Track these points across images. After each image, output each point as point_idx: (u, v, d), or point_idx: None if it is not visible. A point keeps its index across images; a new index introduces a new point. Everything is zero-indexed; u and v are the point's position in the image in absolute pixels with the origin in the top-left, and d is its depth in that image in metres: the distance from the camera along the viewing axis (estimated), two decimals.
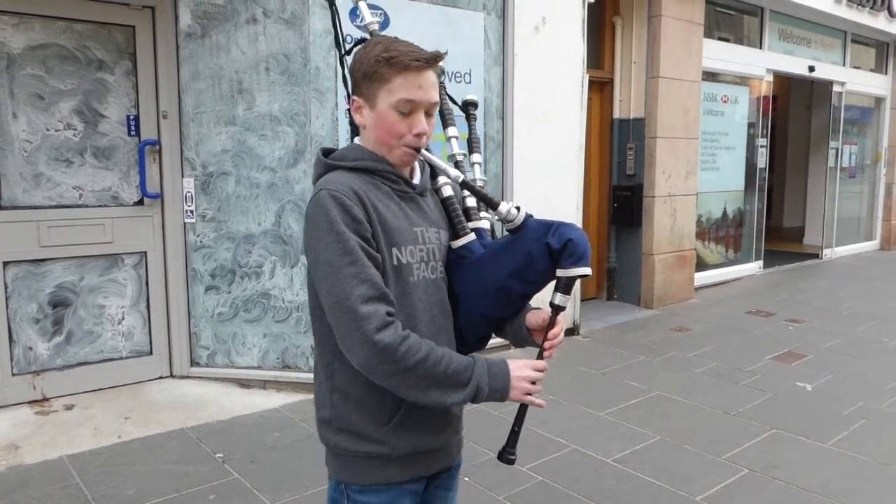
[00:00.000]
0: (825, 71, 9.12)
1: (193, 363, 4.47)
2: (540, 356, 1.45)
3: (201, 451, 3.47)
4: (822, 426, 3.83)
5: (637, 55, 6.59)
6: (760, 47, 8.12)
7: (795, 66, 8.65)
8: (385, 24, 4.39)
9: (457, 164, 1.64)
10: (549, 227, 1.42)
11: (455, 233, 1.54)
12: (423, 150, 1.46)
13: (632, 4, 6.57)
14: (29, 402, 3.99)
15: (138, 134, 4.26)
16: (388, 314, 1.32)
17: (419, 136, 1.41)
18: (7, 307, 3.93)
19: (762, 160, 8.45)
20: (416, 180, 1.51)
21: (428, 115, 1.43)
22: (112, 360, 4.27)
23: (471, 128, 1.74)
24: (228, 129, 4.22)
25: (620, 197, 6.75)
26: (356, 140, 1.51)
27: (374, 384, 1.35)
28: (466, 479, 3.11)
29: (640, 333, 5.77)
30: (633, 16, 6.58)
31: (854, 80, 9.78)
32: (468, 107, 1.78)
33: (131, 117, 4.23)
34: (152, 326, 4.38)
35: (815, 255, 9.68)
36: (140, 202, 4.31)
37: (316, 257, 1.34)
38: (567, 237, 1.39)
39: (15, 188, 3.92)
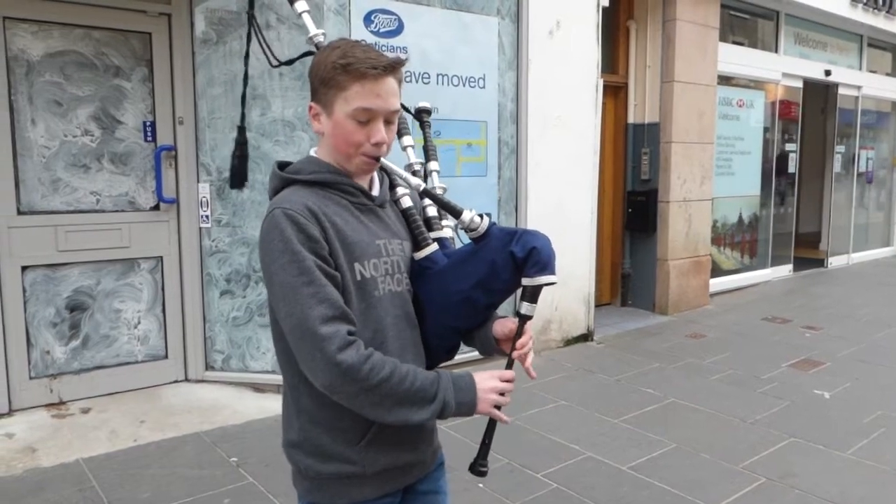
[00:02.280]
0: (841, 75, 9.05)
1: (208, 367, 4.49)
2: (509, 366, 1.43)
3: (216, 454, 3.49)
4: (841, 434, 3.78)
5: (651, 59, 6.56)
6: (776, 51, 8.06)
7: (811, 70, 8.59)
8: (399, 29, 4.41)
9: (414, 174, 1.60)
10: (512, 235, 1.39)
11: (417, 244, 1.51)
12: (382, 159, 1.42)
13: (646, 8, 6.55)
14: (46, 406, 4.02)
15: (154, 139, 4.29)
16: (350, 333, 1.28)
17: (378, 145, 1.37)
18: (25, 311, 3.97)
19: (792, 165, 8.39)
20: (376, 192, 1.47)
21: (388, 122, 1.38)
22: (128, 363, 4.30)
23: (426, 135, 1.71)
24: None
25: (635, 202, 6.72)
26: (313, 151, 1.47)
27: (342, 404, 1.32)
28: (480, 485, 3.10)
29: (654, 340, 5.74)
30: (647, 20, 6.56)
31: (870, 85, 9.69)
32: (422, 114, 1.74)
33: (148, 123, 4.27)
34: (168, 331, 4.41)
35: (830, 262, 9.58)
36: (156, 207, 4.34)
37: (272, 278, 1.30)
38: (531, 245, 1.36)
39: (33, 193, 3.96)
